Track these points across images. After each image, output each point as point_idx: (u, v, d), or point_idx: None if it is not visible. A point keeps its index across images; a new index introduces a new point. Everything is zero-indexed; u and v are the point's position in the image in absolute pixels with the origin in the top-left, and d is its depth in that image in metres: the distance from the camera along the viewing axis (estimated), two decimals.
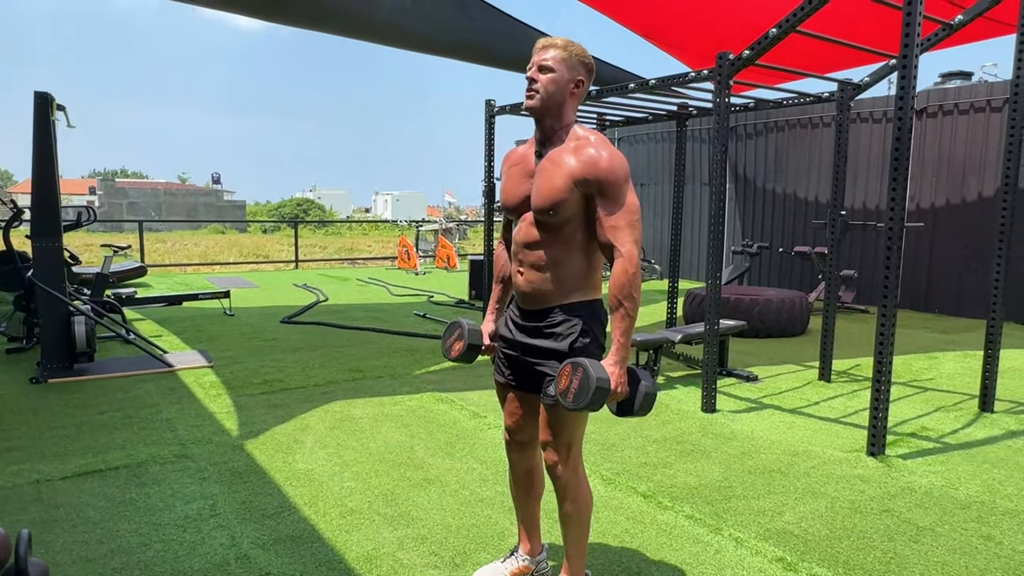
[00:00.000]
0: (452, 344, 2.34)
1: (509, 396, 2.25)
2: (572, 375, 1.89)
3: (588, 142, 1.99)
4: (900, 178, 3.36)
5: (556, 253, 2.02)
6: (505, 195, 2.17)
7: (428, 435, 3.92)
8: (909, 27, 3.25)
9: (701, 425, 4.18)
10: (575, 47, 2.03)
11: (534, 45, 2.05)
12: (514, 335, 2.16)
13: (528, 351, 2.11)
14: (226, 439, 3.78)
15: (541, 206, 2.00)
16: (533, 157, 2.09)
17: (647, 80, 4.82)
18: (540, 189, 2.00)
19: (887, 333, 3.47)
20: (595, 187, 1.95)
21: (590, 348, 2.04)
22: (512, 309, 2.22)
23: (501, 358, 2.24)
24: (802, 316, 7.32)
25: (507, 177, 2.18)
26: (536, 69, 2.02)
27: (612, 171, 1.94)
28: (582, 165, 1.95)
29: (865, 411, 4.49)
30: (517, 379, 2.19)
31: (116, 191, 44.69)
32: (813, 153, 10.37)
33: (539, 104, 2.02)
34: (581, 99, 2.08)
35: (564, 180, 1.95)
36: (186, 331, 6.86)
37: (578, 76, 2.03)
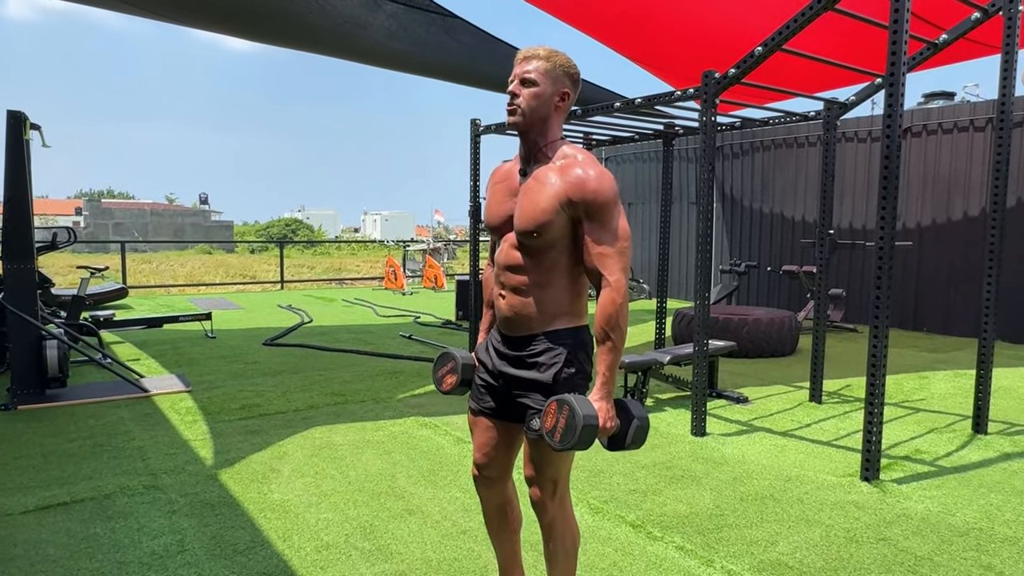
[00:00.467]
0: (444, 376, 2.22)
1: (482, 425, 2.13)
2: (558, 413, 1.80)
3: (575, 161, 1.89)
4: (890, 196, 3.30)
5: (539, 277, 1.92)
6: (488, 214, 2.07)
7: (410, 462, 3.79)
8: (896, 45, 3.21)
9: (691, 449, 4.08)
10: (559, 57, 1.93)
11: (515, 56, 1.96)
12: (495, 363, 2.05)
13: (510, 382, 2.00)
14: (199, 468, 3.63)
15: (524, 228, 1.90)
16: (517, 175, 2.00)
17: (633, 99, 4.77)
18: (523, 210, 1.90)
19: (880, 355, 3.39)
20: (582, 210, 1.84)
21: (575, 379, 1.93)
22: (494, 334, 2.11)
23: (480, 384, 2.13)
24: (791, 336, 7.26)
25: (491, 195, 2.08)
26: (518, 82, 1.92)
27: (600, 193, 1.84)
28: (568, 186, 1.85)
29: (857, 434, 4.40)
30: (497, 409, 2.08)
31: (102, 212, 44.33)
32: (799, 172, 10.40)
33: (521, 120, 1.92)
34: (567, 112, 1.99)
35: (549, 201, 1.85)
36: (165, 354, 6.70)
37: (563, 88, 1.93)
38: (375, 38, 6.52)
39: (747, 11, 5.98)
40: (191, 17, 6.57)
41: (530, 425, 1.94)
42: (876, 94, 4.96)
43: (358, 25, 6.22)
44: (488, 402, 2.10)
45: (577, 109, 5.36)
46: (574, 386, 1.93)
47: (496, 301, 2.02)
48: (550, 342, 1.93)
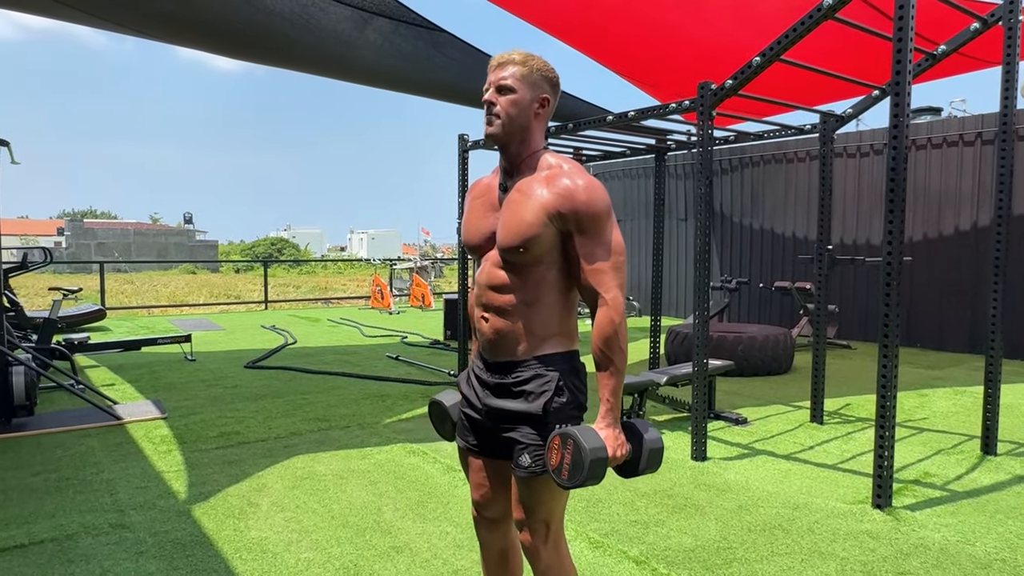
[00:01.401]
0: (442, 425, 2.07)
1: (475, 464, 1.94)
2: (562, 449, 1.63)
3: (561, 171, 1.73)
4: (897, 210, 3.17)
5: (527, 296, 1.74)
6: (467, 232, 1.89)
7: (397, 493, 3.57)
8: (900, 53, 3.10)
9: (693, 475, 3.90)
10: (535, 60, 1.77)
11: (488, 63, 1.80)
12: (478, 394, 1.86)
13: (494, 414, 1.81)
14: (171, 503, 3.40)
15: (509, 243, 1.72)
16: (497, 189, 1.84)
17: (626, 112, 4.65)
18: (507, 224, 1.73)
19: (890, 375, 3.24)
20: (572, 222, 1.69)
21: (567, 409, 1.75)
22: (476, 361, 1.92)
23: (463, 419, 1.94)
24: (787, 353, 7.12)
25: (469, 211, 1.90)
26: (493, 90, 1.76)
27: (591, 204, 1.68)
28: (556, 197, 1.69)
29: (863, 455, 4.24)
30: (482, 445, 1.89)
31: (84, 232, 43.82)
32: (789, 187, 10.34)
33: (500, 131, 1.76)
34: (548, 119, 1.83)
35: (535, 213, 1.69)
36: (142, 379, 6.44)
37: (541, 94, 1.78)
38: (362, 55, 6.40)
39: (738, 26, 5.91)
40: (175, 35, 6.44)
41: (518, 462, 1.75)
42: (871, 108, 4.86)
43: (343, 42, 6.09)
44: (473, 439, 1.91)
45: (568, 123, 5.22)
46: (567, 417, 1.75)
47: (478, 324, 1.84)
48: (539, 368, 1.75)
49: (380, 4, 5.50)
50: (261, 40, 6.22)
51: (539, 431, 1.73)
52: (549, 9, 6.31)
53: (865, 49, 5.48)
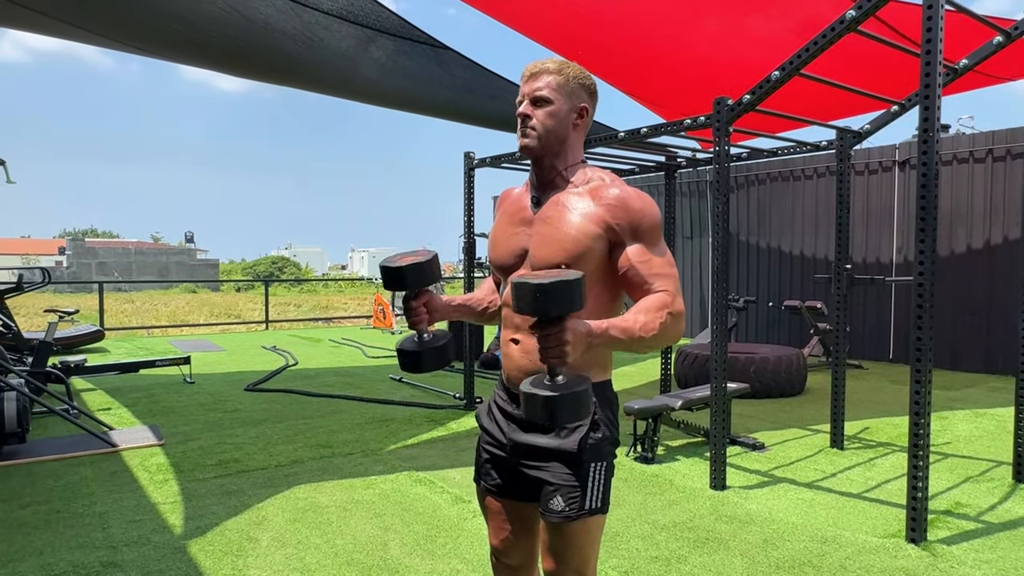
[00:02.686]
0: (404, 256, 1.69)
1: (494, 507, 1.78)
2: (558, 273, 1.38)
3: (606, 183, 1.62)
4: (929, 228, 3.03)
5: None
6: (495, 249, 1.72)
7: (404, 527, 3.40)
8: (930, 66, 2.98)
9: (712, 506, 3.72)
10: (571, 68, 1.65)
11: (521, 72, 1.67)
12: (502, 428, 1.71)
13: (521, 451, 1.65)
14: (166, 539, 3.23)
15: (549, 261, 1.58)
16: (529, 204, 1.69)
17: (638, 128, 4.53)
18: (548, 240, 1.60)
19: (924, 401, 3.08)
20: (627, 232, 1.57)
21: (603, 445, 1.61)
22: (498, 392, 1.77)
23: (485, 457, 1.78)
24: (800, 374, 6.95)
25: (498, 225, 1.75)
26: (528, 103, 1.64)
27: (646, 212, 1.58)
28: (607, 208, 1.57)
29: (889, 483, 4.07)
30: (505, 486, 1.73)
31: (86, 251, 43.76)
32: (796, 205, 10.22)
33: (537, 144, 1.63)
34: (587, 130, 1.70)
35: (582, 227, 1.56)
36: (139, 403, 6.27)
37: (580, 104, 1.65)
38: (366, 74, 6.34)
39: (744, 45, 5.81)
40: (179, 54, 6.39)
41: (549, 506, 1.59)
42: (889, 123, 4.74)
43: (347, 60, 6.03)
44: (495, 479, 1.75)
45: None
46: (603, 455, 1.60)
47: (506, 349, 1.69)
48: None
49: (384, 22, 5.42)
50: (265, 58, 6.16)
51: (573, 470, 1.58)
52: (552, 27, 6.23)
53: (879, 66, 5.38)
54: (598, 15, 5.76)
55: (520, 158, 5.88)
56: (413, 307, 1.67)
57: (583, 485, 1.57)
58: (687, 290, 11.84)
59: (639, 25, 5.88)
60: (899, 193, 9.14)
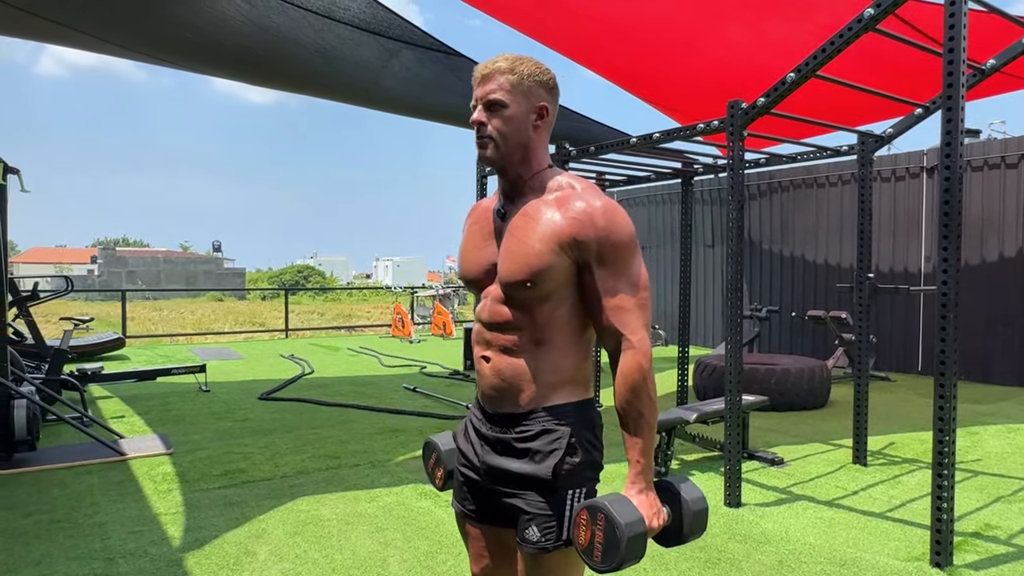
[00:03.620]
0: (433, 471, 1.81)
1: (473, 533, 1.67)
2: (591, 525, 1.37)
3: (574, 191, 1.48)
4: (952, 236, 2.88)
5: (536, 335, 1.49)
6: (464, 263, 1.63)
7: (405, 542, 3.31)
8: (953, 65, 2.84)
9: (726, 524, 3.58)
10: (525, 65, 1.49)
11: (472, 74, 1.53)
12: (476, 450, 1.60)
13: (494, 475, 1.54)
14: (164, 551, 3.18)
15: (513, 277, 1.47)
16: (497, 215, 1.59)
17: (651, 134, 4.42)
18: (511, 255, 1.49)
19: (948, 417, 2.92)
20: (591, 252, 1.44)
21: (580, 471, 1.49)
22: (474, 411, 1.66)
23: (460, 480, 1.67)
24: (823, 386, 6.74)
25: (467, 238, 1.65)
26: (482, 108, 1.50)
27: (612, 230, 1.43)
28: (571, 222, 1.44)
29: (914, 503, 3.89)
30: (482, 511, 1.63)
31: (116, 259, 44.67)
32: (820, 213, 10.00)
33: (496, 154, 1.51)
34: (550, 130, 1.57)
35: (546, 242, 1.44)
36: (153, 410, 6.29)
37: (538, 103, 1.51)
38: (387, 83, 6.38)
39: (762, 50, 5.68)
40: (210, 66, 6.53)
41: (524, 536, 1.48)
42: (913, 127, 4.58)
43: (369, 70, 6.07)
44: (471, 503, 1.65)
45: (590, 147, 5.02)
46: (581, 481, 1.48)
47: (478, 366, 1.58)
48: (547, 421, 1.49)
49: (396, 29, 5.40)
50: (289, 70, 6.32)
51: (548, 498, 1.47)
52: (569, 34, 6.16)
53: (902, 68, 5.22)
54: (615, 22, 5.68)
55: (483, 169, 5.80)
56: None
57: (559, 514, 1.46)
58: (707, 300, 11.64)
59: (656, 32, 5.78)
60: (927, 200, 8.89)
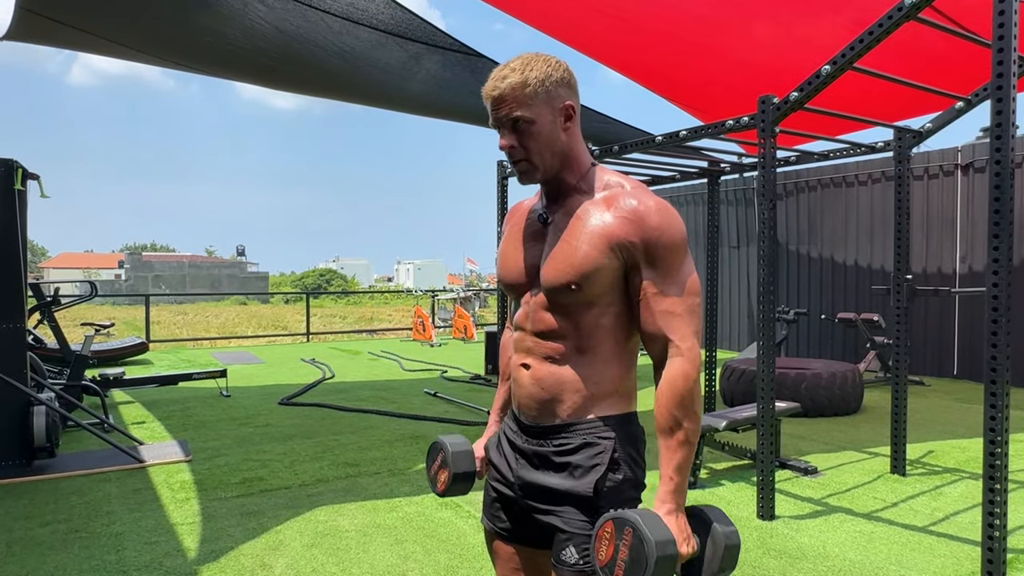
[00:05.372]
0: (436, 474, 1.69)
1: (503, 552, 1.57)
2: (616, 539, 1.24)
3: (623, 191, 1.39)
4: (1004, 235, 2.71)
5: (579, 343, 1.40)
6: (503, 266, 1.54)
7: (425, 555, 3.20)
8: (1003, 53, 2.66)
9: (760, 537, 3.42)
10: (535, 68, 1.38)
11: (482, 93, 1.42)
12: (510, 464, 1.50)
13: (530, 490, 1.45)
14: (179, 563, 3.10)
15: (559, 280, 1.39)
16: (539, 216, 1.50)
17: (676, 132, 4.28)
18: (557, 257, 1.40)
19: (1000, 427, 2.75)
20: (641, 254, 1.35)
21: (624, 488, 1.38)
22: (508, 423, 1.56)
23: (492, 496, 1.57)
24: (856, 391, 6.52)
25: (506, 240, 1.57)
26: (507, 132, 1.40)
27: (664, 231, 1.35)
28: (621, 221, 1.35)
29: (958, 515, 3.70)
30: (515, 529, 1.53)
31: (142, 264, 45.34)
32: (850, 213, 9.74)
33: (536, 172, 1.43)
34: (579, 124, 1.46)
35: (595, 243, 1.36)
36: (173, 416, 6.26)
37: (561, 103, 1.40)
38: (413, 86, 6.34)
39: (791, 47, 5.50)
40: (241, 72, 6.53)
41: (561, 557, 1.38)
42: (953, 122, 4.38)
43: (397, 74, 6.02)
44: (503, 520, 1.54)
45: (613, 146, 4.89)
46: (624, 500, 1.37)
47: (516, 374, 1.49)
48: (589, 434, 1.39)
49: (416, 30, 5.33)
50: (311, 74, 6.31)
51: (589, 517, 1.36)
52: (592, 33, 6.03)
53: (940, 61, 5.01)
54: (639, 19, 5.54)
55: None
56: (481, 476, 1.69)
57: None
58: (733, 302, 11.42)
59: (682, 31, 5.63)
60: (962, 199, 8.60)
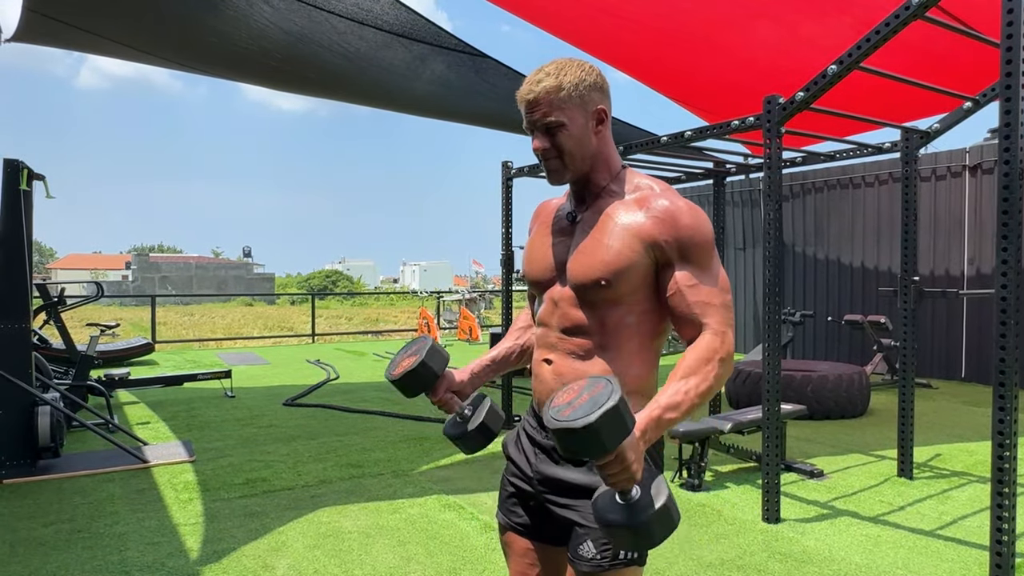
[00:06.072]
0: (402, 360, 1.62)
1: (518, 548, 1.57)
2: (585, 389, 1.17)
3: (654, 192, 1.43)
4: (1012, 236, 2.68)
5: (604, 340, 1.42)
6: (529, 262, 1.56)
7: (428, 556, 3.19)
8: (1011, 51, 2.64)
9: (764, 540, 3.39)
10: (569, 73, 1.41)
11: (517, 96, 1.44)
12: (528, 459, 1.52)
13: (549, 485, 1.46)
14: (181, 564, 3.10)
15: (588, 277, 1.40)
16: (568, 214, 1.53)
17: (681, 132, 4.26)
18: (587, 253, 1.42)
19: (1008, 430, 2.71)
20: (675, 251, 1.37)
21: (644, 484, 1.37)
22: (528, 419, 1.59)
23: (510, 491, 1.58)
24: (862, 393, 6.48)
25: (534, 237, 1.59)
26: (540, 134, 1.43)
27: (697, 230, 1.38)
28: (655, 221, 1.38)
29: (966, 519, 3.66)
30: (533, 525, 1.54)
31: (149, 265, 45.47)
32: (856, 214, 9.69)
33: (568, 173, 1.46)
34: (610, 127, 1.49)
35: (627, 240, 1.39)
36: (178, 417, 6.27)
37: (594, 107, 1.43)
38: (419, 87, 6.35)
39: (798, 47, 5.47)
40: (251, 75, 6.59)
41: (578, 552, 1.38)
42: (961, 122, 4.34)
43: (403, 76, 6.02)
44: (520, 516, 1.55)
45: (618, 147, 4.87)
46: None
47: (537, 369, 1.51)
48: None
49: (431, 35, 5.33)
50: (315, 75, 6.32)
51: None
52: (598, 34, 6.01)
53: (948, 62, 4.98)
54: (645, 20, 5.52)
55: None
56: (435, 402, 1.63)
57: None
58: (739, 304, 11.37)
59: (688, 31, 5.61)
60: (970, 200, 8.55)
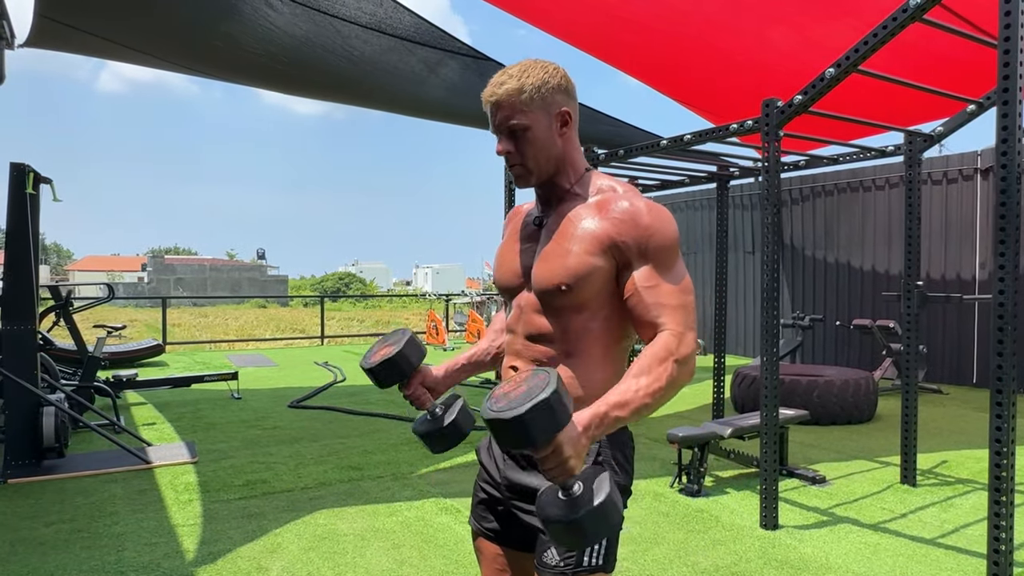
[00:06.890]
0: (379, 349, 1.59)
1: (488, 553, 1.57)
2: (525, 381, 1.15)
3: (616, 194, 1.42)
4: (1010, 241, 2.65)
5: (568, 346, 1.42)
6: (499, 269, 1.57)
7: (421, 560, 3.19)
8: (1009, 54, 2.61)
9: (762, 547, 3.37)
10: (531, 74, 1.40)
11: (481, 99, 1.45)
12: (497, 464, 1.52)
13: (516, 491, 1.46)
14: (177, 565, 3.12)
15: (550, 282, 1.40)
16: (534, 220, 1.54)
17: (681, 135, 4.25)
18: (548, 258, 1.42)
19: (1006, 436, 2.68)
20: (634, 252, 1.36)
21: (588, 480, 1.37)
22: None
23: (481, 497, 1.58)
24: (869, 399, 6.41)
25: (504, 243, 1.60)
26: (505, 138, 1.43)
27: (656, 230, 1.36)
28: (614, 223, 1.37)
29: (968, 528, 3.61)
30: (503, 531, 1.54)
31: (165, 267, 45.90)
32: (866, 218, 9.61)
33: (532, 177, 1.46)
34: (576, 130, 1.49)
35: (587, 244, 1.38)
36: (184, 418, 6.32)
37: (557, 109, 1.42)
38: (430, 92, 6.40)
39: (803, 48, 5.44)
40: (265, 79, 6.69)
41: (543, 559, 1.38)
42: (965, 125, 4.29)
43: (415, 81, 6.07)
44: (490, 521, 1.56)
45: (619, 150, 4.86)
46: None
47: (505, 376, 1.52)
48: None
49: (424, 34, 5.35)
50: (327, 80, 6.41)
51: None
52: (606, 37, 6.01)
53: (952, 64, 4.93)
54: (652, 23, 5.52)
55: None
56: (407, 396, 1.59)
57: None
58: (748, 308, 11.30)
59: (694, 33, 5.60)
60: (982, 203, 8.45)
